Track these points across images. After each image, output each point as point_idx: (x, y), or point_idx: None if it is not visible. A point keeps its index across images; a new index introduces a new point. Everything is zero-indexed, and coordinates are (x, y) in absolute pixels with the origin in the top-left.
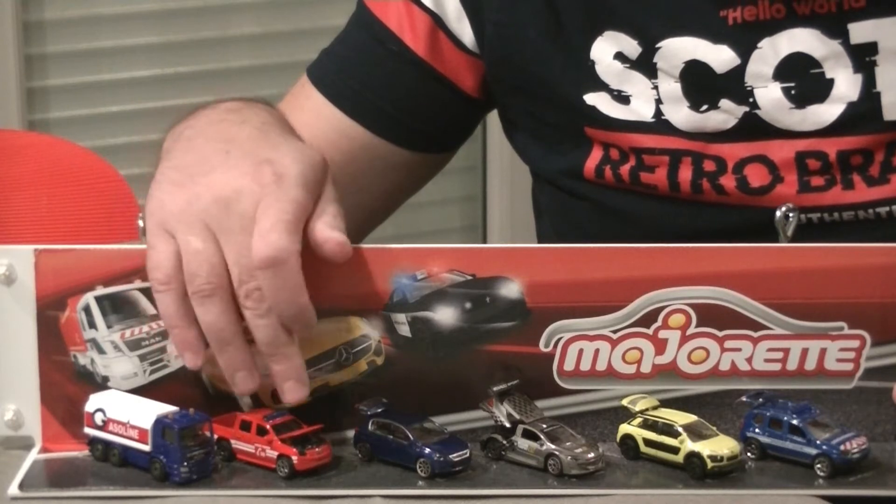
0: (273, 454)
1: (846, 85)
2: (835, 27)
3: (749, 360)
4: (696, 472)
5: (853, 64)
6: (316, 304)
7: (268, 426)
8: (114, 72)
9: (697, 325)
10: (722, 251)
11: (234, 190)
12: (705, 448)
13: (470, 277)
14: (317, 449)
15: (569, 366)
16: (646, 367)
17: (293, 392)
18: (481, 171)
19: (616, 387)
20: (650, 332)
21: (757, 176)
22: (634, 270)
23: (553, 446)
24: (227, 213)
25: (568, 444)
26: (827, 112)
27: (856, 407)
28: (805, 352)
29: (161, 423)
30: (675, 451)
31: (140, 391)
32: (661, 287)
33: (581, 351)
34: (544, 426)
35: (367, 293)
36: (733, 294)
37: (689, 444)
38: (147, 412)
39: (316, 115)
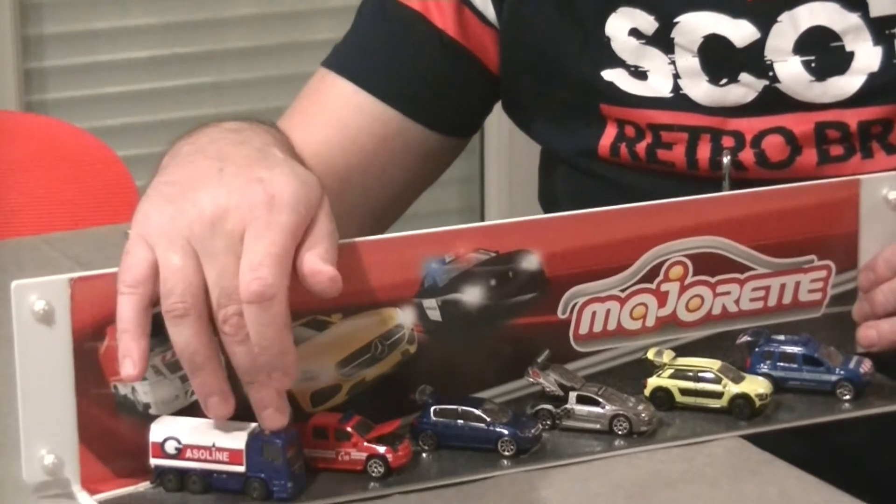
0: (360, 456)
1: (866, 57)
2: (854, 0)
3: (737, 301)
4: (743, 413)
5: (873, 37)
6: (352, 300)
7: (349, 429)
8: (111, 53)
9: (694, 275)
10: (713, 200)
11: (221, 208)
12: (748, 389)
13: (494, 254)
14: (402, 445)
15: (583, 329)
16: (650, 321)
17: (272, 420)
18: (479, 153)
19: (624, 344)
20: (654, 286)
21: (775, 150)
22: (639, 229)
23: (615, 407)
24: (211, 232)
25: (624, 403)
26: (848, 84)
27: (823, 333)
28: (783, 287)
29: (259, 441)
30: (719, 395)
31: (181, 414)
32: (662, 242)
33: (594, 313)
34: (595, 389)
35: (400, 282)
36: (723, 241)
37: (732, 388)
38: (231, 433)
39: (345, 103)
